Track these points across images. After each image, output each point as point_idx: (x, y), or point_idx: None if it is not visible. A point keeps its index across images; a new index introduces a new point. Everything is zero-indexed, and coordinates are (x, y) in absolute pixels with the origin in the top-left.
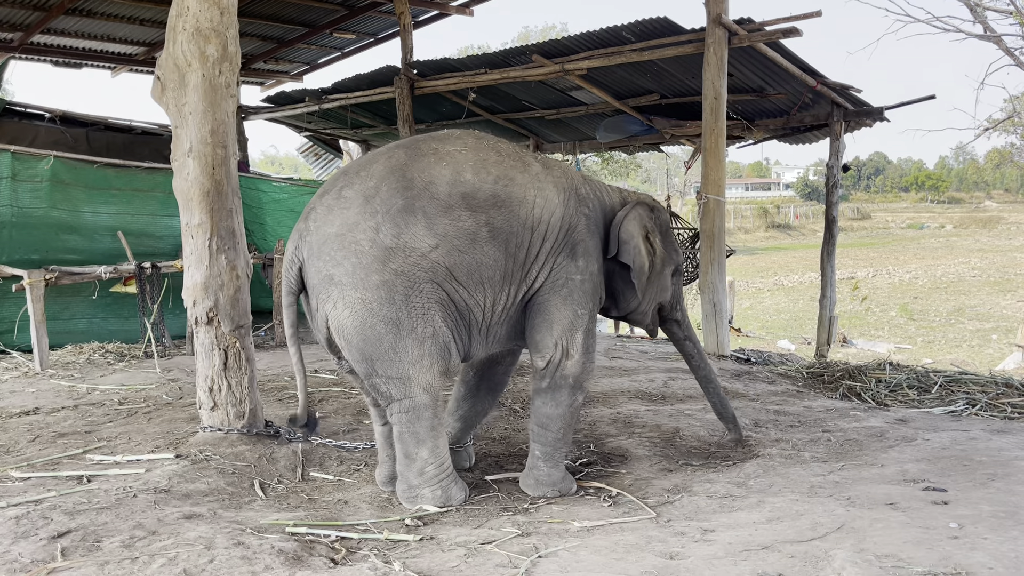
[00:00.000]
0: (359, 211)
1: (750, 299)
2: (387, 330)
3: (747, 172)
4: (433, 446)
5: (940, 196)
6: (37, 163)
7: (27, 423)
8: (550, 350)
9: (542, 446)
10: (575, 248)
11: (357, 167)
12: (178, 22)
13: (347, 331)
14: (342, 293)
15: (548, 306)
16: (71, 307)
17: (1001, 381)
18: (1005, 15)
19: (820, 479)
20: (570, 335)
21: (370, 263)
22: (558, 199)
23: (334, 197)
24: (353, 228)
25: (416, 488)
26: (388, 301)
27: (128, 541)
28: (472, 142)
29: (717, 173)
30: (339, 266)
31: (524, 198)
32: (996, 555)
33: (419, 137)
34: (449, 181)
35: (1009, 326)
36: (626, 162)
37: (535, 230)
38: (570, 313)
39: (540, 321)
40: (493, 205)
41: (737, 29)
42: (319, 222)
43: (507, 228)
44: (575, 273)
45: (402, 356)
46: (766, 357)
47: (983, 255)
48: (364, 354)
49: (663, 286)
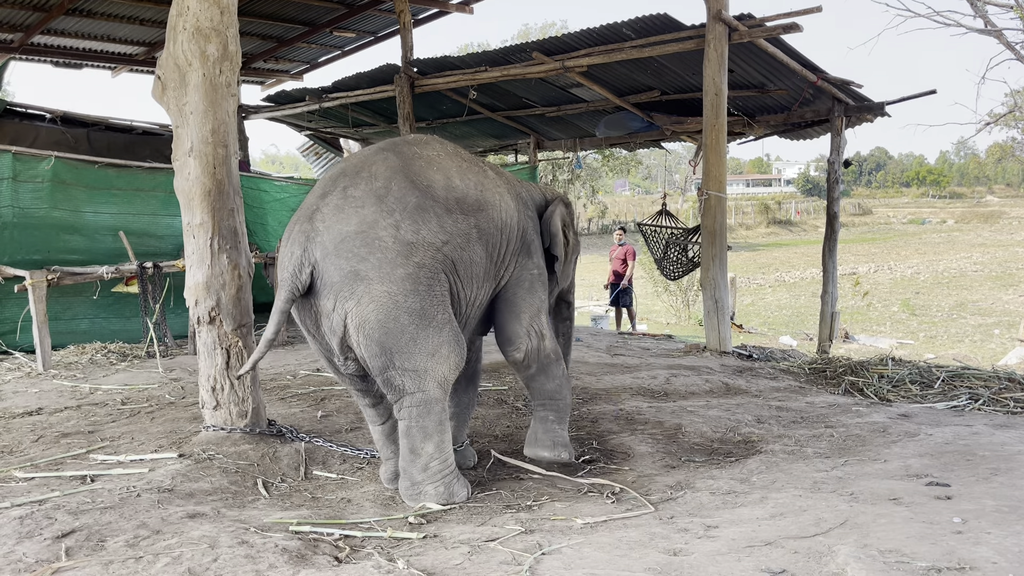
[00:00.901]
0: (375, 209)
1: (752, 295)
2: (410, 320)
3: (748, 168)
4: (439, 441)
5: (941, 191)
6: (38, 164)
7: (30, 423)
8: (523, 339)
9: (555, 412)
10: (529, 247)
11: (354, 168)
12: (178, 22)
13: (370, 324)
14: (368, 288)
15: (514, 299)
16: (73, 307)
17: (1004, 376)
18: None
19: (823, 475)
20: (537, 319)
21: (395, 257)
22: (514, 204)
23: (340, 197)
24: (373, 225)
25: (420, 485)
26: (413, 292)
27: (132, 540)
28: (439, 147)
29: (718, 169)
30: (365, 261)
31: (496, 203)
32: (1000, 549)
33: (395, 141)
34: (443, 186)
35: (1011, 321)
36: (627, 159)
37: (503, 232)
38: (536, 301)
39: (508, 314)
40: (478, 209)
41: (737, 25)
42: (329, 221)
43: (488, 229)
44: (532, 268)
45: (421, 347)
46: (768, 353)
47: (985, 250)
48: (384, 347)
49: (567, 273)
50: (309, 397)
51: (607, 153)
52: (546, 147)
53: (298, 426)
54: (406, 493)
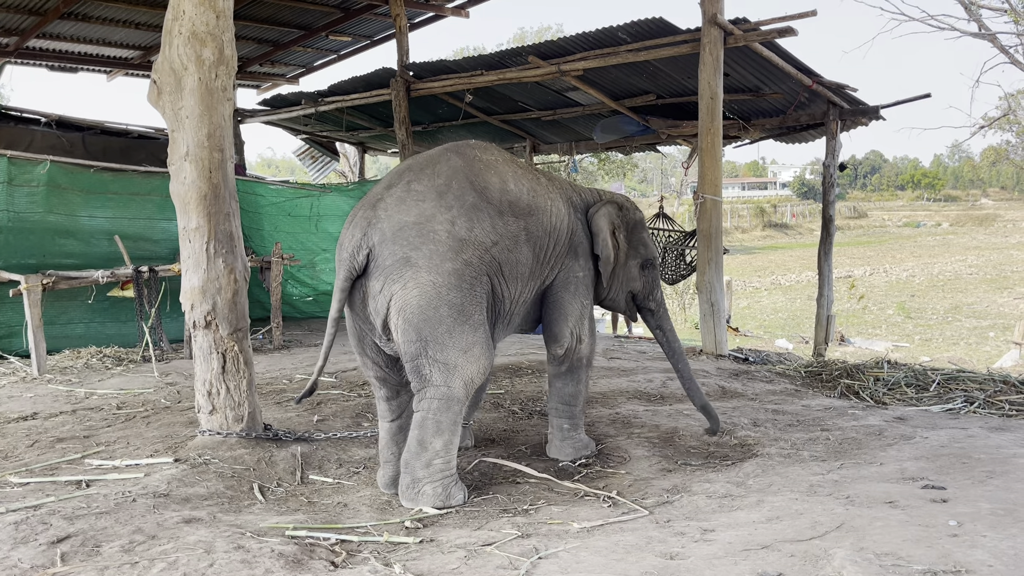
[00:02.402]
0: (435, 204)
1: (747, 298)
2: (449, 313)
3: (744, 172)
4: (448, 440)
5: (936, 194)
6: (33, 167)
7: (25, 428)
8: (567, 339)
9: (570, 419)
10: (576, 249)
11: (420, 165)
12: (174, 26)
13: (410, 310)
14: (415, 274)
15: (561, 301)
16: (68, 311)
17: (999, 379)
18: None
19: (819, 478)
20: (580, 323)
21: (445, 251)
22: (564, 209)
23: (403, 190)
24: (431, 219)
25: (419, 483)
26: (457, 288)
27: (128, 546)
28: (498, 153)
29: (714, 173)
30: (417, 250)
31: (546, 208)
32: (995, 552)
33: (459, 144)
34: (499, 189)
35: (1006, 323)
36: (622, 162)
37: (551, 235)
38: (578, 305)
39: (556, 315)
40: (529, 213)
41: (733, 29)
42: (391, 211)
43: (536, 233)
44: (578, 271)
45: (456, 341)
46: (764, 356)
47: (979, 253)
48: (421, 334)
49: (630, 276)
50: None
51: (603, 156)
52: (542, 151)
53: (294, 430)
54: (405, 491)
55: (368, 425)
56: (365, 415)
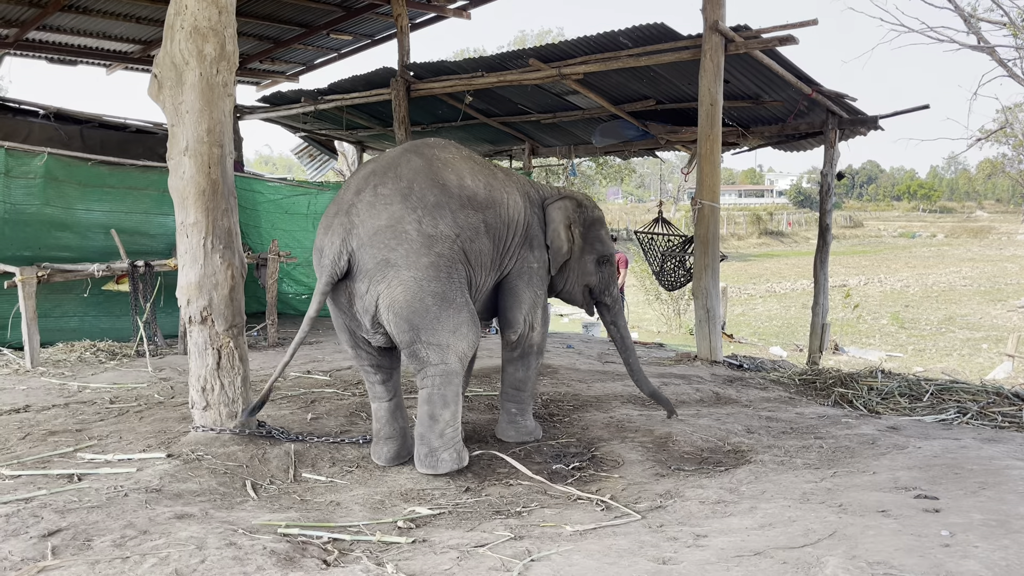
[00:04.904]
0: (402, 206)
1: (743, 305)
2: (433, 301)
3: (741, 179)
4: (455, 410)
5: (932, 205)
6: (31, 160)
7: (17, 421)
8: (520, 325)
9: (518, 404)
10: (532, 241)
11: (383, 168)
12: (176, 20)
13: (399, 305)
14: (397, 273)
15: (516, 289)
16: (63, 305)
17: (992, 390)
18: (998, 26)
19: (812, 486)
20: (533, 311)
21: (419, 248)
22: (521, 202)
23: (371, 195)
24: (400, 220)
25: (437, 452)
26: (435, 278)
27: (119, 540)
28: (455, 151)
29: (712, 179)
30: (394, 251)
31: (503, 201)
32: (987, 563)
33: (416, 143)
34: (457, 185)
35: (999, 335)
36: (621, 167)
37: (509, 227)
38: (532, 294)
39: (511, 302)
40: (487, 206)
41: (734, 36)
42: (363, 217)
43: (495, 225)
44: (533, 262)
45: (444, 324)
46: (759, 363)
47: (974, 264)
48: (412, 324)
49: (585, 271)
50: (299, 399)
51: (601, 161)
52: (541, 153)
53: (288, 428)
54: (423, 460)
55: (361, 424)
56: (358, 414)
